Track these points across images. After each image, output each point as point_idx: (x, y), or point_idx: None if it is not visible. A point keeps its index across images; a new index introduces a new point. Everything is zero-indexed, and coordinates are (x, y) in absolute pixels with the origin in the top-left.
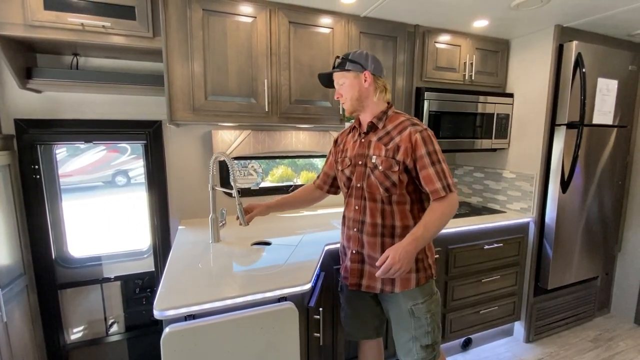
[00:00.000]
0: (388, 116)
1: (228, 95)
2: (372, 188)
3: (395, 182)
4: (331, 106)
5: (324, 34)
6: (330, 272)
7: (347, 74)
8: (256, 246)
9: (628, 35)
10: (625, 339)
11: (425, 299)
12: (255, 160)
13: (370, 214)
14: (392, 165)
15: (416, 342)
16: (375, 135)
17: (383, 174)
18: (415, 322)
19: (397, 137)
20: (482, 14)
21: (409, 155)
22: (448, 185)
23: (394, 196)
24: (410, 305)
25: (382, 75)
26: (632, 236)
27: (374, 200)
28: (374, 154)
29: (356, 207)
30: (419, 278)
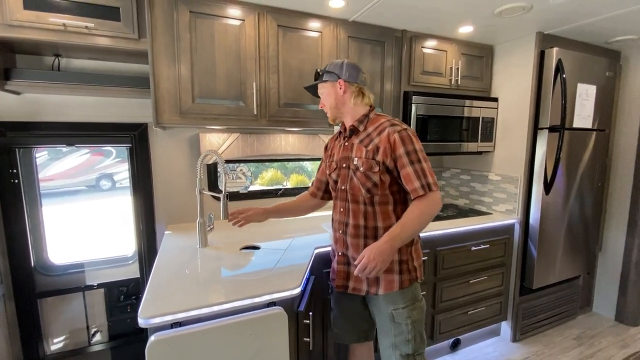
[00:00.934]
0: (370, 119)
1: (216, 98)
2: (355, 190)
3: (377, 183)
4: (320, 109)
5: (313, 38)
6: (320, 276)
7: (325, 84)
8: (245, 250)
9: (605, 42)
10: (607, 336)
11: (406, 305)
12: (244, 164)
13: (353, 216)
14: (373, 165)
15: (396, 349)
16: (357, 138)
17: (364, 175)
18: (395, 328)
19: (376, 138)
20: (467, 21)
21: (388, 155)
22: (428, 184)
23: (376, 197)
24: (390, 309)
25: (359, 80)
26: (611, 236)
27: (356, 202)
28: (356, 156)
29: (341, 209)
30: (402, 280)
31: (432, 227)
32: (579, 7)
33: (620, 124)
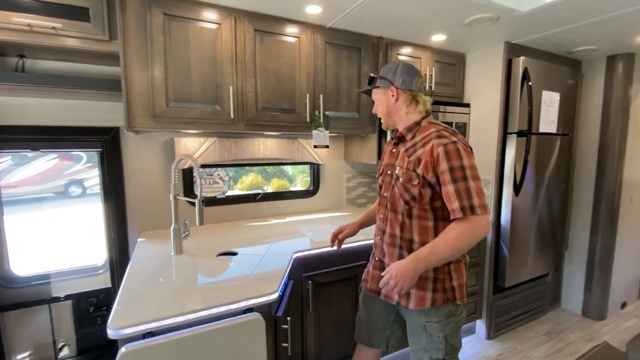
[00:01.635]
0: (420, 127)
1: (191, 102)
2: (395, 199)
3: (415, 196)
4: (298, 114)
5: (290, 43)
6: (299, 280)
7: (378, 90)
8: (222, 257)
9: (567, 52)
10: (574, 331)
11: (439, 320)
12: (221, 168)
13: (390, 225)
14: (412, 178)
15: (426, 353)
16: (404, 147)
17: (403, 186)
18: (427, 337)
19: (420, 149)
20: (440, 29)
21: (429, 170)
22: (471, 207)
23: (414, 210)
24: (423, 321)
25: (413, 87)
26: (576, 234)
27: (395, 211)
28: (399, 165)
29: (381, 216)
30: (435, 298)
31: None
32: (542, 19)
33: (582, 129)
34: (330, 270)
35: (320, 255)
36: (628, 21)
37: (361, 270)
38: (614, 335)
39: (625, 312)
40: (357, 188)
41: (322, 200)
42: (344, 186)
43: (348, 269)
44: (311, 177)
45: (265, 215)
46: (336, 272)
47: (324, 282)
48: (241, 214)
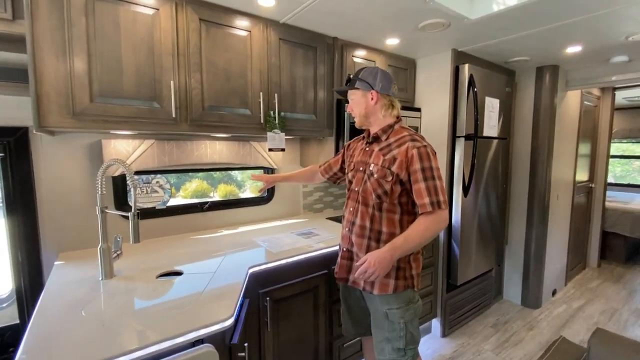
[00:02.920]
0: (394, 130)
1: (123, 98)
2: (366, 193)
3: (387, 191)
4: (251, 114)
5: (241, 37)
6: (256, 297)
7: (356, 92)
8: (163, 278)
9: (505, 62)
10: (517, 320)
11: (400, 306)
12: (161, 175)
13: (360, 217)
14: (387, 175)
15: (388, 343)
16: (378, 146)
17: (377, 182)
18: (389, 325)
19: (395, 149)
20: (394, 33)
21: (403, 168)
22: (438, 202)
23: (385, 204)
24: (385, 308)
25: (391, 92)
26: (514, 230)
27: (366, 204)
28: (373, 162)
29: (351, 209)
30: (397, 285)
31: None
32: (488, 28)
33: (517, 133)
34: (289, 284)
35: (279, 269)
36: (555, 35)
37: (322, 281)
38: (549, 322)
39: (555, 299)
40: (314, 193)
41: (277, 207)
42: (301, 191)
43: (308, 281)
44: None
45: (214, 226)
46: (296, 284)
47: (283, 296)
48: (186, 225)
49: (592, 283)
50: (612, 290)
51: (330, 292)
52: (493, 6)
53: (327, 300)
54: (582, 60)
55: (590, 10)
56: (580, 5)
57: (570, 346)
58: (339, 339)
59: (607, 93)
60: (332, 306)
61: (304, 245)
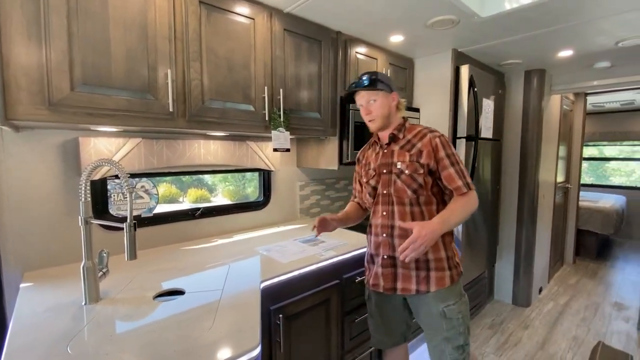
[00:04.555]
0: (406, 127)
1: (111, 87)
2: (400, 192)
3: (422, 184)
4: (254, 111)
5: (244, 25)
6: (266, 315)
7: (379, 93)
8: (162, 299)
9: (498, 64)
10: (511, 320)
11: (455, 301)
12: (147, 178)
13: (400, 217)
14: (417, 168)
15: (448, 343)
16: (397, 145)
17: (410, 177)
18: (447, 324)
19: (418, 143)
20: (400, 29)
21: (431, 157)
22: (468, 184)
23: (422, 197)
24: (442, 307)
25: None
26: (505, 231)
27: (402, 203)
28: (399, 161)
29: (384, 213)
30: (452, 275)
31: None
32: (495, 28)
33: (508, 135)
34: (301, 297)
35: (291, 281)
36: (552, 38)
37: (334, 292)
38: (541, 319)
39: (542, 297)
40: (311, 196)
41: (273, 212)
42: (297, 195)
43: (320, 293)
44: (261, 186)
45: (207, 234)
46: (308, 298)
47: (295, 312)
48: (176, 235)
49: (572, 279)
50: (591, 285)
51: (342, 303)
52: (505, 4)
53: (339, 312)
54: (567, 65)
55: (594, 13)
56: (585, 8)
57: (614, 353)
58: (350, 353)
59: (580, 98)
60: (344, 318)
61: (314, 253)
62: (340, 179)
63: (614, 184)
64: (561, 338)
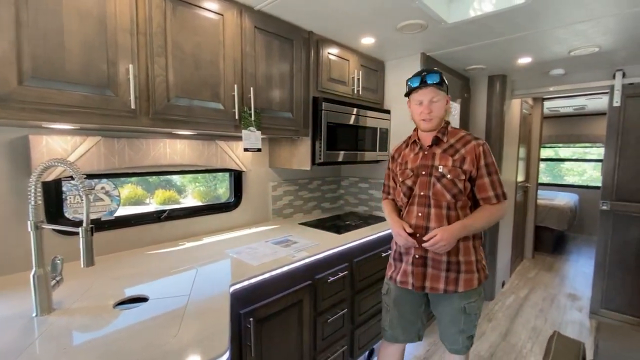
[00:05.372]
0: (448, 131)
1: (64, 82)
2: (438, 195)
3: (462, 189)
4: (224, 109)
5: (212, 21)
6: (236, 319)
7: (441, 94)
8: (123, 307)
9: (463, 69)
10: None
11: (476, 299)
12: (107, 179)
13: (436, 220)
14: (460, 174)
15: (463, 334)
16: (440, 148)
17: (451, 182)
18: (465, 319)
19: (462, 149)
20: (371, 31)
21: (474, 165)
22: (501, 194)
23: (460, 202)
24: (464, 304)
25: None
26: None
27: (439, 207)
28: (441, 165)
29: (419, 214)
30: (480, 277)
31: (348, 237)
32: (460, 34)
33: None
34: (273, 300)
35: (263, 284)
36: (512, 45)
37: (306, 293)
38: (504, 312)
39: (505, 290)
40: (283, 197)
41: (245, 214)
42: (270, 195)
43: (292, 294)
44: (231, 186)
45: (174, 237)
46: (280, 300)
47: (267, 315)
48: (140, 239)
49: (531, 273)
50: (547, 278)
51: (315, 304)
52: (470, 12)
53: (312, 313)
54: (526, 71)
55: (549, 23)
56: (541, 19)
57: (568, 341)
58: (322, 353)
59: (538, 103)
60: (316, 319)
61: (286, 255)
62: (313, 179)
63: (568, 183)
64: (521, 329)
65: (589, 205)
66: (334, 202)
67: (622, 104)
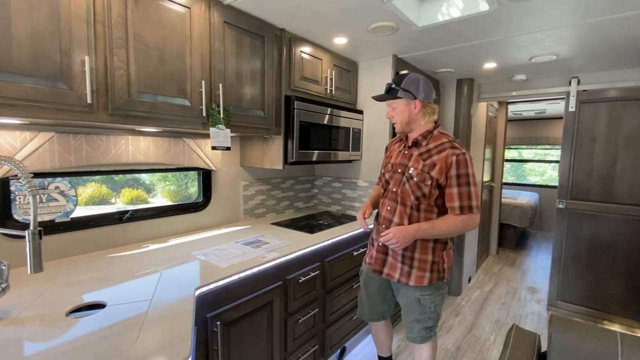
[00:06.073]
0: (433, 135)
1: (10, 72)
2: (405, 194)
3: (426, 194)
4: (190, 105)
5: (179, 14)
6: (203, 323)
7: (399, 101)
8: (77, 315)
9: (433, 72)
10: (445, 308)
11: (431, 292)
12: (63, 178)
13: (399, 216)
14: (426, 179)
15: (418, 323)
16: (417, 150)
17: (416, 185)
18: (420, 309)
19: (435, 156)
20: (343, 31)
21: (443, 174)
22: (469, 207)
23: (423, 205)
24: (418, 295)
25: (432, 100)
26: None
27: (404, 205)
28: (412, 166)
29: (388, 208)
30: (431, 278)
31: (321, 237)
32: (429, 38)
33: None
34: (241, 302)
35: (230, 286)
36: (479, 50)
37: (277, 294)
38: (470, 306)
39: (471, 285)
40: (255, 197)
41: (214, 214)
42: (241, 195)
43: (262, 296)
44: (200, 186)
45: (137, 240)
46: (249, 302)
47: (235, 317)
48: (100, 242)
49: (495, 268)
50: (510, 272)
51: (286, 304)
52: (438, 16)
53: (282, 314)
54: (492, 76)
55: (511, 31)
56: (504, 27)
57: (525, 334)
58: (293, 354)
59: (503, 106)
60: (287, 319)
61: (256, 256)
62: (286, 179)
63: (530, 182)
64: (485, 322)
65: (548, 203)
66: (308, 202)
67: (577, 109)
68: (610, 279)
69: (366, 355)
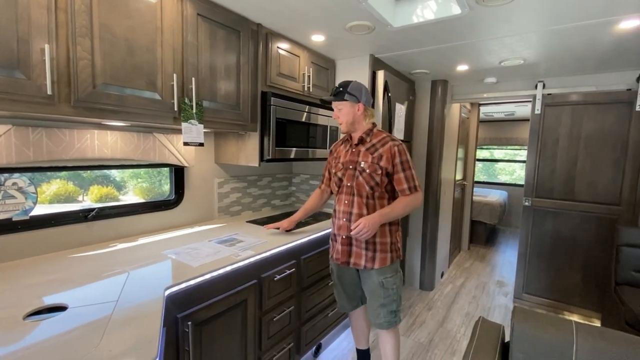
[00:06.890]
0: (373, 133)
1: None
2: (360, 187)
3: (378, 182)
4: (161, 99)
5: (149, 4)
6: (173, 323)
7: (345, 103)
8: (35, 318)
9: (409, 73)
10: (418, 303)
11: (392, 274)
12: (21, 174)
13: (357, 206)
14: (377, 169)
15: (384, 308)
16: (364, 147)
17: (369, 176)
18: (384, 292)
19: (380, 148)
20: (321, 29)
21: (389, 162)
22: (415, 186)
23: (376, 193)
24: (381, 279)
25: (371, 104)
26: (414, 224)
27: (360, 196)
28: (363, 160)
29: (346, 202)
30: (392, 257)
31: (297, 235)
32: (404, 39)
33: (417, 137)
34: (213, 302)
35: (202, 285)
36: (452, 53)
37: (251, 292)
38: (442, 300)
39: (444, 280)
40: (230, 194)
41: (187, 212)
42: (215, 193)
43: (235, 295)
44: (172, 183)
45: (104, 239)
46: (222, 301)
47: (207, 317)
48: (63, 242)
49: (467, 263)
50: (480, 267)
51: (260, 303)
52: (413, 18)
53: (257, 312)
54: (464, 78)
55: (481, 35)
56: (476, 30)
57: (490, 325)
58: (267, 352)
59: (475, 108)
60: (262, 318)
61: (230, 254)
62: (263, 176)
63: (500, 181)
64: (456, 315)
65: (516, 201)
66: (285, 199)
67: (542, 112)
68: (570, 272)
69: (342, 351)
